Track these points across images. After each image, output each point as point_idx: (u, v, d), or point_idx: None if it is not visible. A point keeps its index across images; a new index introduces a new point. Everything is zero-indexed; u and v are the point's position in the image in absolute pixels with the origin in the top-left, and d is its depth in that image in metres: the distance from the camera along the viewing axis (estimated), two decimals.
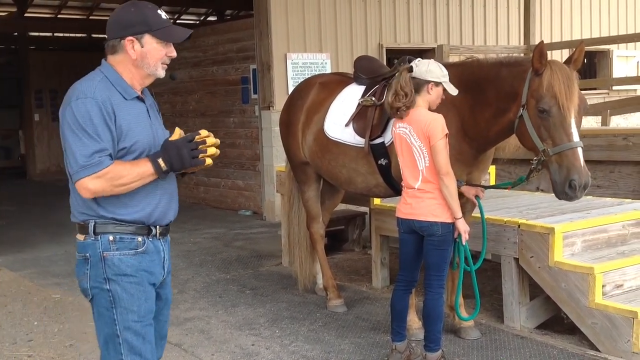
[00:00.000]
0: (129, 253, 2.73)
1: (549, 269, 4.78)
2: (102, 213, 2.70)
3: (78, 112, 2.60)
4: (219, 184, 11.49)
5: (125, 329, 2.73)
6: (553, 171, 3.94)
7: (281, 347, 4.85)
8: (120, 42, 2.75)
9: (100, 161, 2.59)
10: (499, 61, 4.37)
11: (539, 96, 3.93)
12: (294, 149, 5.68)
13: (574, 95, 3.90)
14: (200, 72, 11.52)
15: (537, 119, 3.97)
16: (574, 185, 3.85)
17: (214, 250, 8.10)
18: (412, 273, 4.35)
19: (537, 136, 3.98)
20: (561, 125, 3.90)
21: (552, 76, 3.90)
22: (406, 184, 4.22)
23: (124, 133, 2.67)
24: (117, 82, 2.73)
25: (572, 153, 3.89)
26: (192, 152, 2.71)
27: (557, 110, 3.89)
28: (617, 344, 4.41)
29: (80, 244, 2.77)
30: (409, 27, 11.35)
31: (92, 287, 2.75)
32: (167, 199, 2.85)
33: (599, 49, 14.17)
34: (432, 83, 4.10)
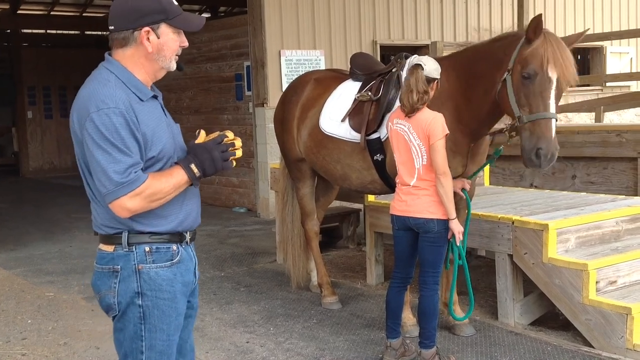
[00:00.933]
0: (165, 265, 2.52)
1: (543, 266, 4.79)
2: (135, 227, 2.48)
3: (103, 125, 2.35)
4: (213, 181, 11.46)
5: (151, 347, 2.54)
6: (524, 138, 4.00)
7: (276, 344, 4.84)
8: (133, 34, 2.47)
9: (138, 177, 2.37)
10: (492, 38, 4.46)
11: (525, 62, 3.98)
12: (289, 145, 5.67)
13: (561, 66, 3.94)
14: (193, 69, 11.48)
15: (519, 85, 4.02)
16: (540, 154, 3.91)
17: (208, 248, 8.09)
18: (407, 270, 4.35)
19: (516, 102, 4.03)
20: (540, 95, 3.95)
21: (543, 44, 3.94)
22: (401, 180, 4.22)
23: (149, 141, 2.45)
24: (131, 83, 2.48)
25: (545, 123, 3.93)
26: (222, 154, 2.55)
27: (540, 78, 3.93)
28: (610, 340, 4.43)
29: (107, 256, 2.52)
30: (402, 24, 11.35)
31: (121, 302, 2.50)
32: (195, 203, 2.68)
33: (592, 46, 14.20)
34: (437, 80, 4.13)
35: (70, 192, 13.13)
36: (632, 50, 14.73)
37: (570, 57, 4.00)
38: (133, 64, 2.51)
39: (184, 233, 2.61)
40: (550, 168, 7.12)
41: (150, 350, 2.54)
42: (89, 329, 5.28)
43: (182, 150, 2.63)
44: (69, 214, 10.69)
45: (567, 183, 7.01)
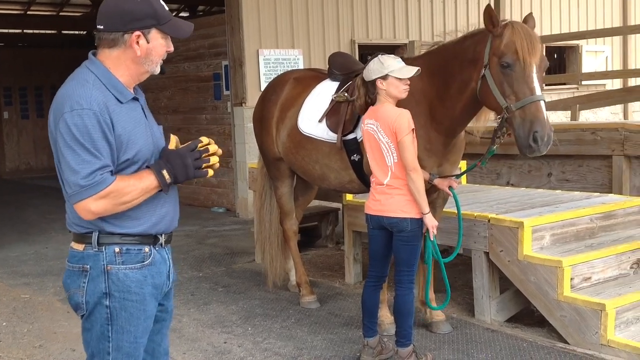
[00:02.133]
0: (135, 267, 2.49)
1: (519, 263, 4.83)
2: (105, 228, 2.46)
3: (74, 126, 2.33)
4: (192, 181, 11.39)
5: (118, 348, 2.51)
6: (517, 126, 3.97)
7: (253, 344, 4.84)
8: (123, 36, 2.46)
9: (104, 179, 2.35)
10: (463, 36, 4.46)
11: (501, 53, 4.00)
12: (267, 145, 5.66)
13: (536, 49, 3.98)
14: (171, 68, 11.40)
15: (499, 76, 4.03)
16: (537, 137, 3.88)
17: (187, 248, 8.05)
18: (382, 269, 4.37)
19: (500, 93, 4.03)
20: (523, 79, 3.96)
21: (513, 33, 3.99)
22: (376, 180, 4.23)
23: (124, 143, 2.43)
24: (111, 84, 2.45)
25: (535, 106, 3.93)
26: (195, 162, 2.52)
27: (519, 64, 3.96)
28: (585, 336, 4.47)
29: (78, 254, 2.50)
30: (380, 23, 11.38)
31: (89, 302, 2.48)
32: (172, 206, 2.64)
33: (568, 44, 14.34)
34: (379, 79, 4.14)
35: (46, 193, 13.01)
36: (607, 49, 14.89)
37: (538, 39, 4.06)
38: (118, 65, 2.49)
39: (158, 235, 2.59)
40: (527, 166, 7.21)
41: (117, 352, 2.52)
42: (65, 331, 5.24)
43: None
44: (45, 215, 10.58)
45: (543, 181, 7.08)
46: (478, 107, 4.38)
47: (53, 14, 17.02)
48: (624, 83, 13.37)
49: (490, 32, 4.09)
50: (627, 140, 6.37)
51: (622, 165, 6.41)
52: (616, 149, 6.45)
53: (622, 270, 4.94)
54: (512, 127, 4.02)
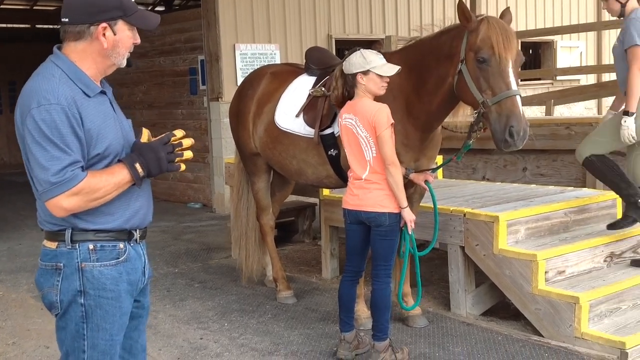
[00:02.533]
0: (110, 264, 2.46)
1: (494, 257, 4.87)
2: (78, 224, 2.42)
3: (42, 121, 2.28)
4: (167, 176, 11.32)
5: (93, 346, 2.48)
6: (493, 120, 4.00)
7: (230, 340, 4.82)
8: (89, 29, 2.41)
9: (75, 175, 2.30)
10: (439, 31, 4.48)
11: (477, 48, 4.03)
12: (244, 140, 5.63)
13: (511, 44, 4.01)
14: (147, 63, 11.33)
15: (475, 71, 4.05)
16: (513, 132, 3.92)
17: (162, 244, 8.00)
18: (358, 263, 4.37)
19: (476, 88, 4.05)
20: (499, 74, 3.99)
21: (488, 28, 4.02)
22: (354, 174, 4.23)
23: (94, 138, 2.38)
24: (78, 78, 2.40)
25: (511, 101, 3.96)
26: (168, 155, 2.49)
27: (495, 59, 3.98)
28: (559, 329, 4.52)
29: (50, 252, 2.46)
30: (357, 18, 11.38)
31: (63, 300, 2.44)
32: (146, 201, 2.60)
33: (543, 40, 14.46)
34: (360, 73, 4.14)
35: (20, 189, 12.82)
36: (581, 44, 15.04)
37: (514, 34, 4.08)
38: (84, 58, 2.45)
39: (133, 231, 2.56)
40: (503, 160, 7.27)
41: (93, 350, 2.49)
42: (38, 328, 5.17)
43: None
44: (19, 212, 10.44)
45: (518, 175, 7.13)
46: (455, 102, 4.40)
47: (27, 7, 16.77)
48: (598, 78, 13.52)
49: (464, 27, 4.10)
50: None
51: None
52: None
53: (596, 263, 4.99)
54: (488, 121, 4.05)
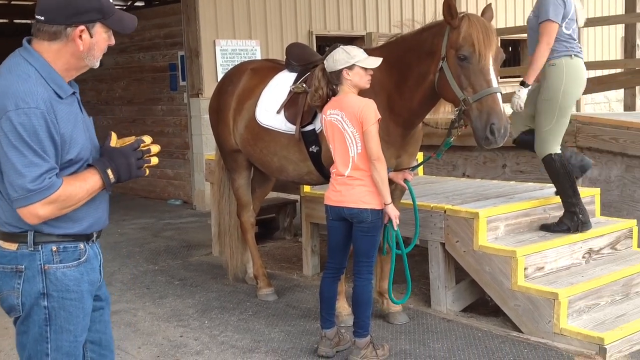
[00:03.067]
0: (72, 265, 2.43)
1: (474, 253, 4.89)
2: (44, 229, 2.38)
3: (21, 125, 2.21)
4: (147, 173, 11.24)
5: (57, 349, 2.45)
6: (474, 118, 4.02)
7: (210, 337, 4.80)
8: (66, 30, 2.35)
9: (52, 183, 2.27)
10: (420, 28, 4.49)
11: (458, 45, 4.04)
12: (224, 136, 5.60)
13: (492, 42, 4.04)
14: (126, 59, 11.23)
15: (456, 68, 4.07)
16: (494, 129, 3.94)
17: (142, 241, 7.94)
18: (340, 260, 4.37)
19: (457, 85, 4.07)
20: (480, 72, 4.01)
21: (469, 26, 4.04)
22: (336, 171, 4.22)
23: (67, 143, 2.34)
24: (52, 79, 2.35)
25: (492, 98, 3.99)
26: (138, 161, 2.48)
27: (476, 57, 4.00)
28: (538, 324, 4.55)
29: (10, 254, 2.39)
30: (338, 15, 11.37)
31: (25, 303, 2.40)
32: (106, 205, 2.60)
33: (522, 37, 14.53)
34: (345, 69, 4.13)
35: None
36: None
37: (494, 31, 4.11)
38: (57, 59, 2.39)
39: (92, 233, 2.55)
40: (482, 157, 7.30)
41: (57, 352, 2.46)
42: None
43: (97, 150, 2.54)
44: None
45: (498, 172, 7.17)
46: (436, 99, 4.41)
47: (5, 2, 16.54)
48: None
49: (448, 24, 4.11)
50: (579, 132, 6.49)
51: None
52: (569, 140, 6.55)
53: (575, 259, 5.04)
54: (469, 119, 4.07)
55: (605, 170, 6.41)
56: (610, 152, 6.34)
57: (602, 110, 15.67)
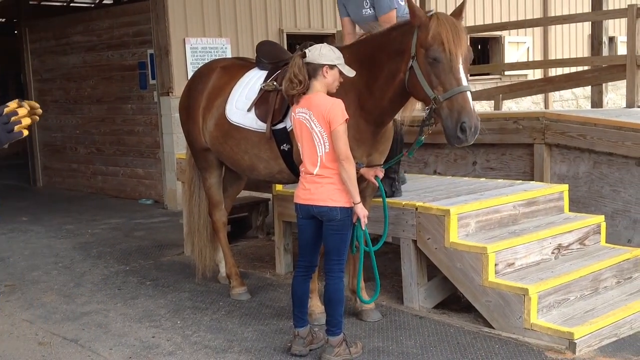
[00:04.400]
0: None
1: (445, 250, 4.93)
2: None
3: None
4: (118, 173, 11.15)
5: None
6: (444, 117, 4.04)
7: (183, 337, 4.77)
8: None
9: None
10: (390, 27, 4.50)
11: (427, 44, 4.05)
12: (194, 135, 5.57)
13: (462, 41, 4.06)
14: (94, 57, 11.10)
15: (426, 67, 4.08)
16: (465, 127, 3.96)
17: (113, 241, 7.86)
18: (311, 258, 4.37)
19: (428, 84, 4.09)
20: (450, 71, 4.03)
21: (439, 25, 4.05)
22: (305, 169, 4.23)
23: None
24: None
25: (462, 97, 4.01)
26: (5, 125, 2.53)
27: (446, 56, 4.02)
28: (509, 320, 4.60)
29: None
30: (309, 13, 11.36)
31: None
32: None
33: (491, 35, 14.69)
34: (327, 66, 4.13)
35: None
36: (529, 40, 15.33)
37: (464, 30, 4.13)
38: None
39: None
40: (453, 155, 7.36)
41: None
42: None
43: None
44: None
45: (468, 169, 7.23)
46: (406, 97, 4.43)
47: None
48: (545, 73, 13.81)
49: (414, 23, 4.13)
50: (547, 129, 6.58)
51: (543, 153, 6.62)
52: (537, 137, 6.65)
53: (544, 255, 5.10)
54: (440, 117, 4.09)
55: (573, 167, 6.51)
56: (578, 148, 6.43)
57: (570, 107, 15.90)
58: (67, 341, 4.79)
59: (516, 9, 15.23)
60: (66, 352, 4.60)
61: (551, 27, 15.05)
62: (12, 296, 5.90)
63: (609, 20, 9.65)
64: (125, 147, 10.85)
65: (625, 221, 6.14)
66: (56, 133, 12.34)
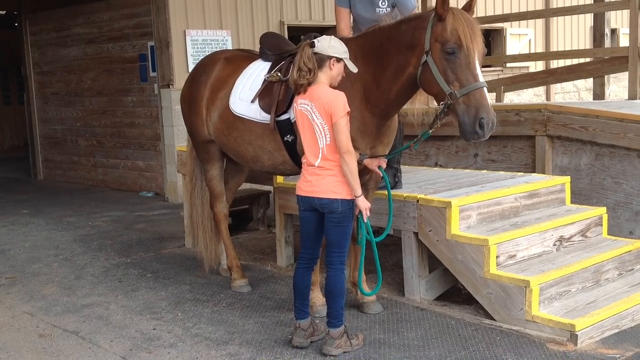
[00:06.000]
0: None
1: (447, 242, 4.91)
2: None
3: None
4: (119, 165, 11.14)
5: None
6: (461, 112, 4.02)
7: (184, 330, 4.77)
8: None
9: None
10: (399, 20, 4.46)
11: (444, 39, 4.02)
12: (197, 127, 5.55)
13: (477, 37, 4.04)
14: (95, 49, 11.08)
15: (442, 62, 4.05)
16: (483, 123, 3.95)
17: (114, 234, 7.86)
18: (313, 250, 4.37)
19: (444, 79, 4.05)
20: (467, 67, 4.01)
21: (455, 20, 4.02)
22: (307, 161, 4.22)
23: None
24: None
25: (480, 93, 4.00)
26: None
27: (464, 51, 4.00)
28: (510, 312, 4.59)
29: None
30: (310, 5, 11.31)
31: None
32: None
33: (493, 27, 14.63)
34: (334, 59, 4.12)
35: None
36: (530, 31, 15.27)
37: (479, 27, 4.11)
38: None
39: None
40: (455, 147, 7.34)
41: None
42: None
43: None
44: None
45: (470, 161, 7.22)
46: (414, 91, 4.40)
47: None
48: (547, 65, 13.75)
49: (439, 14, 4.05)
50: (549, 121, 6.56)
51: (544, 145, 6.60)
52: (539, 129, 6.63)
53: (546, 247, 5.09)
54: (455, 113, 4.06)
55: (575, 159, 6.49)
56: (579, 140, 6.41)
57: (572, 99, 15.86)
58: (67, 333, 4.79)
59: (518, 0, 15.16)
60: (67, 344, 4.60)
61: (553, 18, 14.98)
62: (12, 288, 5.90)
63: (611, 12, 9.60)
64: (126, 140, 10.84)
65: (627, 213, 6.12)
66: (57, 125, 12.33)
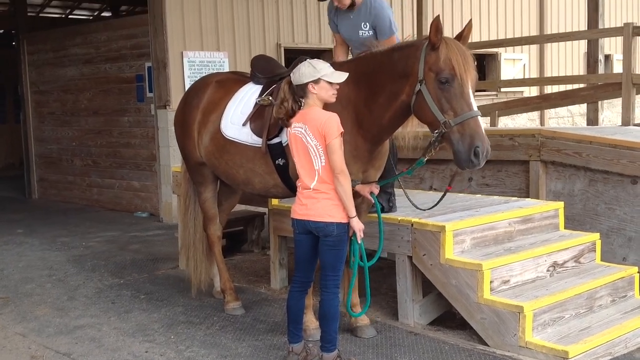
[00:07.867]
0: None
1: (441, 266, 4.92)
2: None
3: None
4: (114, 185, 11.14)
5: None
6: (455, 141, 4.04)
7: (176, 352, 4.74)
8: None
9: None
10: (391, 47, 4.50)
11: (438, 69, 4.06)
12: (189, 149, 5.57)
13: (470, 66, 4.09)
14: (92, 69, 11.12)
15: (436, 91, 4.09)
16: (478, 152, 3.98)
17: (108, 254, 7.83)
18: (307, 274, 4.37)
19: (438, 108, 4.08)
20: (461, 96, 4.05)
21: (449, 50, 4.06)
22: (302, 184, 4.23)
23: None
24: None
25: (474, 121, 4.03)
26: None
27: (457, 81, 4.04)
28: (504, 338, 4.59)
29: None
30: (306, 27, 11.41)
31: None
32: None
33: (488, 52, 14.76)
34: (310, 83, 4.15)
35: None
36: (525, 56, 15.41)
37: (471, 56, 4.15)
38: None
39: None
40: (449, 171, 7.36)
41: None
42: None
43: None
44: None
45: (464, 185, 7.24)
46: (406, 117, 4.44)
47: None
48: (541, 90, 13.87)
49: (433, 43, 4.10)
50: (543, 146, 6.59)
51: (538, 170, 6.63)
52: (533, 154, 6.66)
53: (539, 273, 5.09)
54: (449, 142, 4.09)
55: (569, 184, 6.51)
56: (573, 166, 6.44)
57: (566, 124, 15.95)
58: (60, 355, 4.76)
59: (512, 25, 15.31)
60: None
61: (548, 44, 15.13)
62: (5, 309, 5.87)
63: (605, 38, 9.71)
64: (122, 160, 10.85)
65: (620, 239, 6.14)
66: (52, 145, 12.33)
